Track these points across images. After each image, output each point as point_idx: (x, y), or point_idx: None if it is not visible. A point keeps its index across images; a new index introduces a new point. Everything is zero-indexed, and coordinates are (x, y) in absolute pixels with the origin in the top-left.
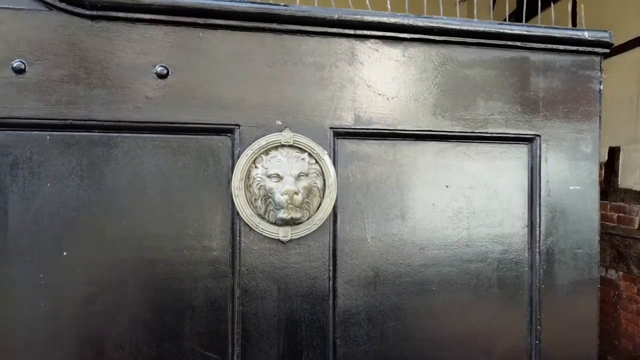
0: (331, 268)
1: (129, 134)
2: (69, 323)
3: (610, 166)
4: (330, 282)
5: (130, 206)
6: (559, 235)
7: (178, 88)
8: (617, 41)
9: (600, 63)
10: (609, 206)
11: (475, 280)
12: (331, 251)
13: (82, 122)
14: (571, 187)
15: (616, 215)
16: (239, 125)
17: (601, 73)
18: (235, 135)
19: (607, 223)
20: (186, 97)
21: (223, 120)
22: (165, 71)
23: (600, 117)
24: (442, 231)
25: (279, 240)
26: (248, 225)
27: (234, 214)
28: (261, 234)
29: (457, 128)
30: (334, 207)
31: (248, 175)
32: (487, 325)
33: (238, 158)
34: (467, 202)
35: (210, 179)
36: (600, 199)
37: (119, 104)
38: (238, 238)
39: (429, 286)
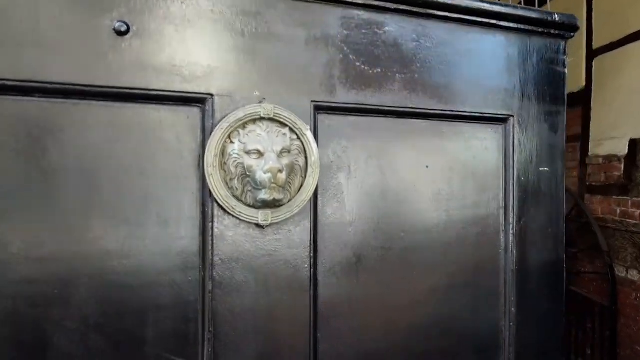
0: (312, 255)
1: (79, 101)
2: (1, 331)
3: (632, 159)
4: (312, 270)
5: (80, 188)
6: (530, 216)
7: (140, 49)
8: (636, 27)
9: (565, 46)
10: (629, 202)
11: (454, 264)
12: (312, 236)
13: (19, 84)
14: (541, 169)
15: (638, 212)
16: (211, 95)
17: (566, 57)
18: (207, 107)
19: (627, 220)
20: (149, 60)
21: (193, 88)
22: (124, 27)
23: (565, 99)
24: (422, 214)
25: (257, 224)
26: (223, 209)
27: (205, 196)
28: (238, 218)
29: (438, 106)
30: (315, 190)
31: (223, 152)
32: (465, 309)
33: (210, 132)
34: (446, 183)
35: (176, 157)
36: (620, 195)
37: (68, 64)
38: (210, 224)
39: (411, 272)
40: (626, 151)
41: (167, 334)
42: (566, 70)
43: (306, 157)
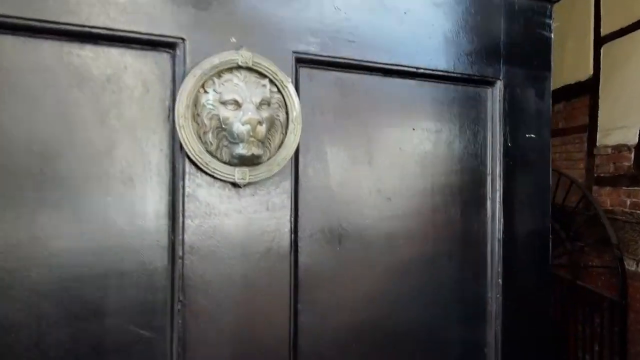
0: (293, 220)
1: (29, 38)
2: None
3: None
4: (292, 235)
5: (29, 139)
6: (517, 184)
7: None
8: None
9: (552, 10)
10: None
11: (441, 232)
12: (293, 199)
13: None
14: (527, 135)
15: None
16: (182, 40)
17: (552, 21)
18: (178, 52)
19: (638, 212)
20: None
21: (162, 31)
22: None
23: (551, 65)
24: (408, 179)
25: (233, 183)
26: (195, 165)
27: (175, 151)
28: (212, 176)
29: (425, 65)
30: (297, 149)
31: (195, 103)
32: (451, 280)
33: (182, 80)
34: (433, 147)
35: (143, 107)
36: (630, 186)
37: None
38: (181, 182)
39: (396, 240)
40: (637, 140)
41: (132, 304)
42: (552, 35)
43: (287, 112)
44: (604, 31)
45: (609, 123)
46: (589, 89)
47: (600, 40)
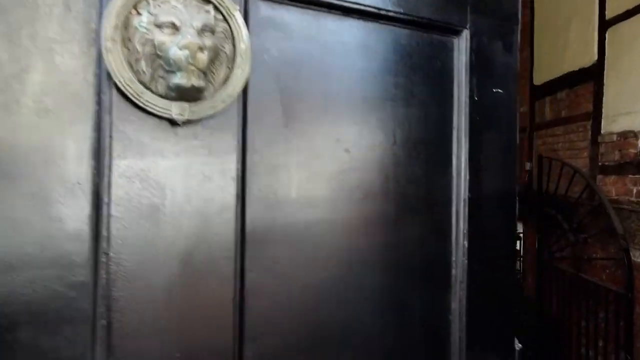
0: (240, 167)
1: None
2: None
3: None
4: (239, 183)
5: None
6: (483, 140)
7: None
8: None
9: None
10: None
11: (403, 189)
12: (240, 143)
13: None
14: (494, 90)
15: None
16: None
17: None
18: None
19: None
20: None
21: None
22: None
23: (519, 18)
24: (368, 129)
25: (170, 120)
26: (124, 96)
27: (102, 80)
28: (145, 110)
29: (388, 6)
30: (245, 88)
31: (126, 25)
32: (414, 241)
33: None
34: (395, 96)
35: (64, 27)
36: (638, 173)
37: None
38: (107, 117)
39: (356, 195)
40: None
41: (46, 256)
42: None
43: (234, 44)
44: (609, 14)
45: (614, 109)
46: (593, 75)
47: (605, 24)
